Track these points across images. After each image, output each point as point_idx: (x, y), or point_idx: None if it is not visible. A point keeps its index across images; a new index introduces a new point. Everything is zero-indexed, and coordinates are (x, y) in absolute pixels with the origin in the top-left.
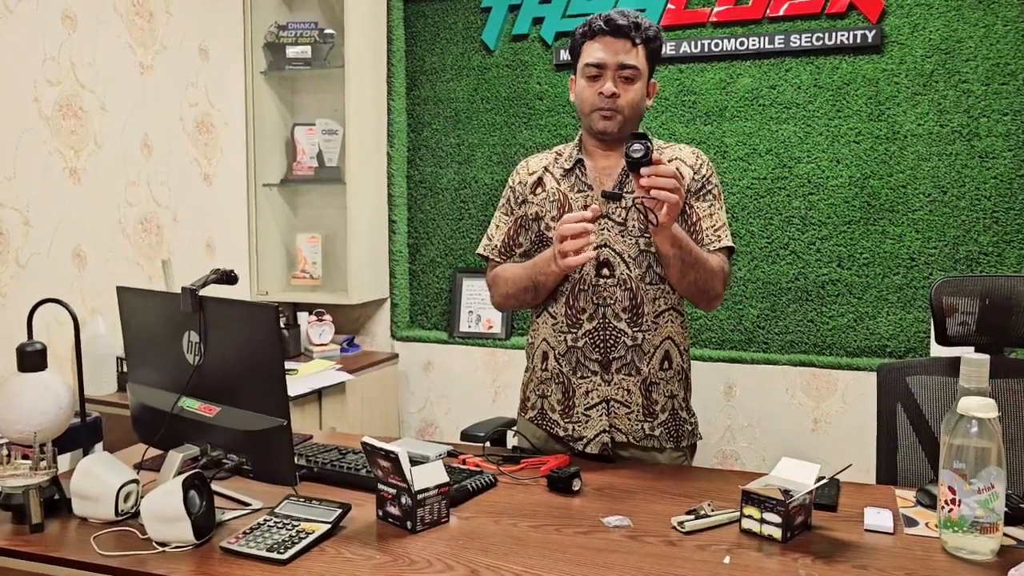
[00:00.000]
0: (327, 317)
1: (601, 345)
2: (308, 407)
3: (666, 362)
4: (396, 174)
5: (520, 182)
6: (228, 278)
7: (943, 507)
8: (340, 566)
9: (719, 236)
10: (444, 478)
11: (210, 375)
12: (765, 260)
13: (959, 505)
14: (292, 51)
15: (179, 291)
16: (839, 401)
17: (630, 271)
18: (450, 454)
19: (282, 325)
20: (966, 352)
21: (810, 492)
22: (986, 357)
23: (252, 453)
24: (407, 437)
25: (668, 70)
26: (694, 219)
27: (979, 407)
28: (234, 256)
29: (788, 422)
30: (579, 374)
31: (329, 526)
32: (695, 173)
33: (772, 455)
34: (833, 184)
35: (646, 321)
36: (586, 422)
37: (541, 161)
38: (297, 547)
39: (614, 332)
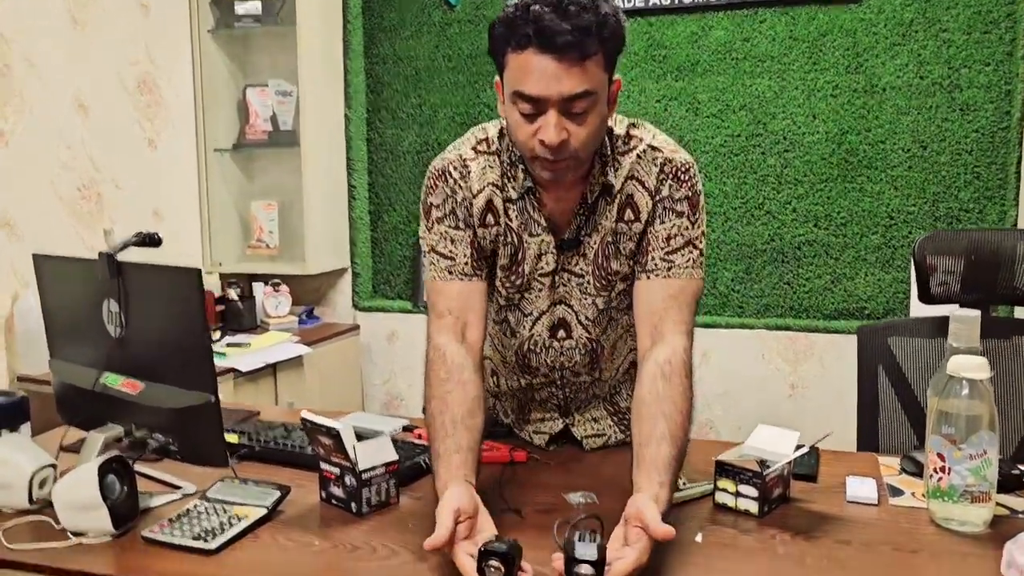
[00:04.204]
0: (283, 288)
1: (559, 395)
2: (262, 382)
3: (632, 368)
4: (355, 137)
5: (465, 199)
6: (151, 240)
7: (931, 475)
8: (275, 555)
9: (671, 262)
10: (392, 455)
11: (133, 348)
12: (739, 221)
13: (949, 473)
14: (241, 7)
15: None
16: (817, 365)
17: (589, 333)
18: (405, 428)
19: (236, 296)
20: (954, 309)
21: (788, 462)
22: (977, 313)
23: (179, 432)
24: (368, 412)
25: (637, 23)
26: (644, 244)
27: (971, 367)
28: (184, 225)
29: (764, 388)
30: (536, 400)
31: (266, 511)
32: (653, 198)
33: (748, 423)
34: (809, 140)
35: (610, 364)
36: (543, 426)
37: (484, 173)
38: (227, 535)
39: (573, 385)
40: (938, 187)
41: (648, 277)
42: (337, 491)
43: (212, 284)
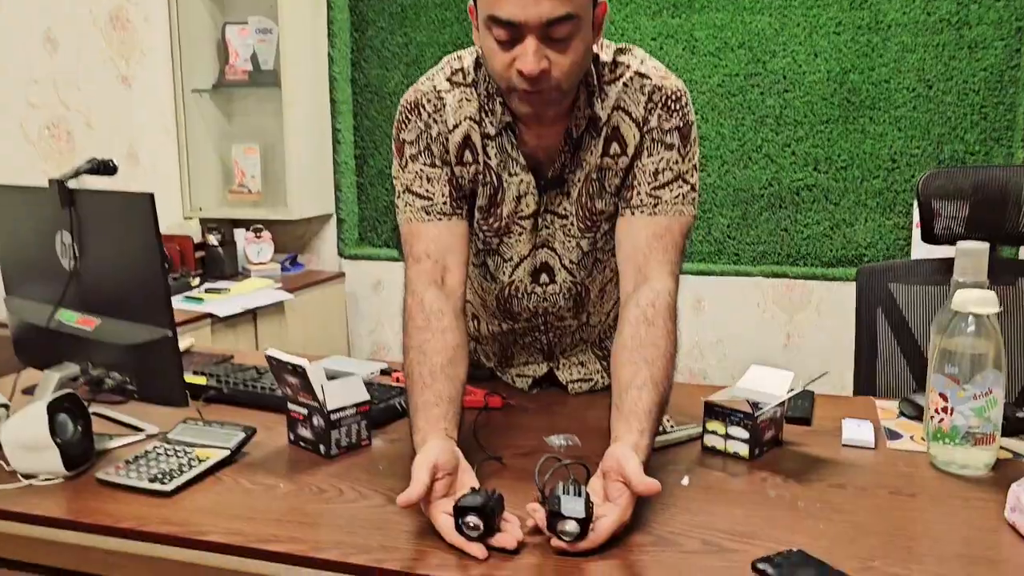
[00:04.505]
0: (265, 234)
1: (543, 339)
2: (242, 329)
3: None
4: (339, 78)
5: (440, 134)
6: (105, 168)
7: (932, 417)
8: (235, 497)
9: (657, 197)
10: (363, 395)
11: (87, 282)
12: (736, 164)
13: (951, 414)
14: None
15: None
16: (813, 314)
17: (574, 277)
18: (384, 372)
19: (216, 242)
20: (962, 242)
21: (781, 404)
22: (985, 245)
23: (136, 370)
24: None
25: None
26: (630, 178)
27: (977, 301)
28: (162, 168)
29: (759, 337)
30: (519, 344)
31: (229, 452)
32: (641, 129)
33: (742, 373)
34: (810, 80)
35: (598, 309)
36: (527, 369)
37: (460, 106)
38: (185, 477)
39: (557, 329)
40: (943, 128)
41: (632, 214)
42: (305, 433)
43: (192, 230)
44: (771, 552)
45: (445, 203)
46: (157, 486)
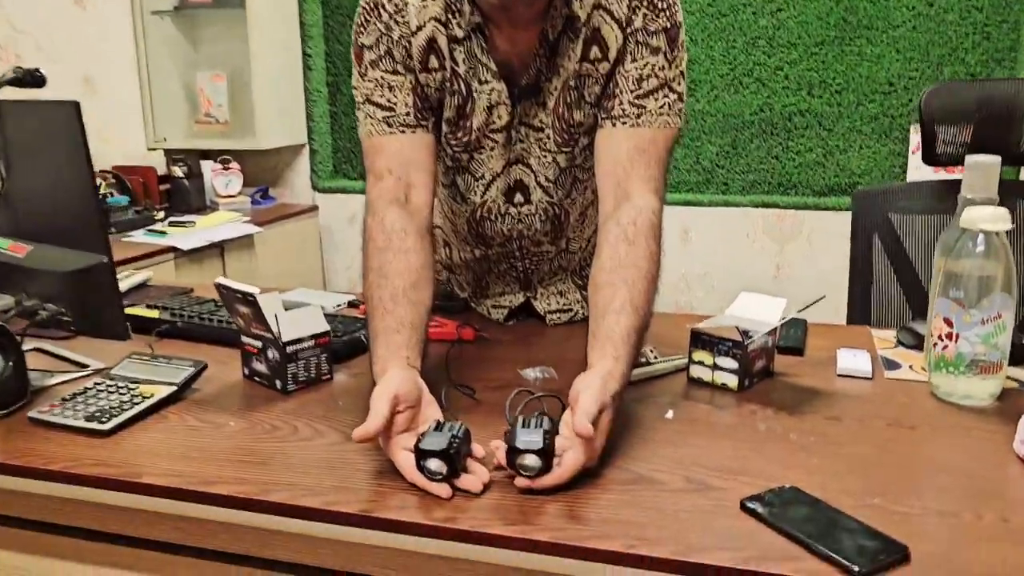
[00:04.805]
0: (234, 165)
1: (519, 266)
2: (208, 263)
3: None
4: None
5: (402, 37)
6: (33, 79)
7: (936, 344)
8: (179, 437)
9: (641, 107)
10: (321, 326)
11: (17, 205)
12: (726, 89)
13: (956, 340)
14: None
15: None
16: (805, 244)
17: (550, 197)
18: (352, 304)
19: (182, 174)
20: (971, 156)
21: (773, 331)
22: (996, 158)
23: (71, 300)
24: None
25: None
26: (612, 86)
27: (989, 218)
28: (122, 96)
29: (748, 269)
30: (494, 272)
31: (175, 388)
32: (624, 31)
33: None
34: None
35: (578, 234)
36: (503, 299)
37: (424, 6)
38: (125, 415)
39: (534, 256)
40: (943, 49)
41: (613, 125)
42: (260, 367)
43: (156, 161)
44: (761, 490)
45: (408, 114)
46: (94, 425)
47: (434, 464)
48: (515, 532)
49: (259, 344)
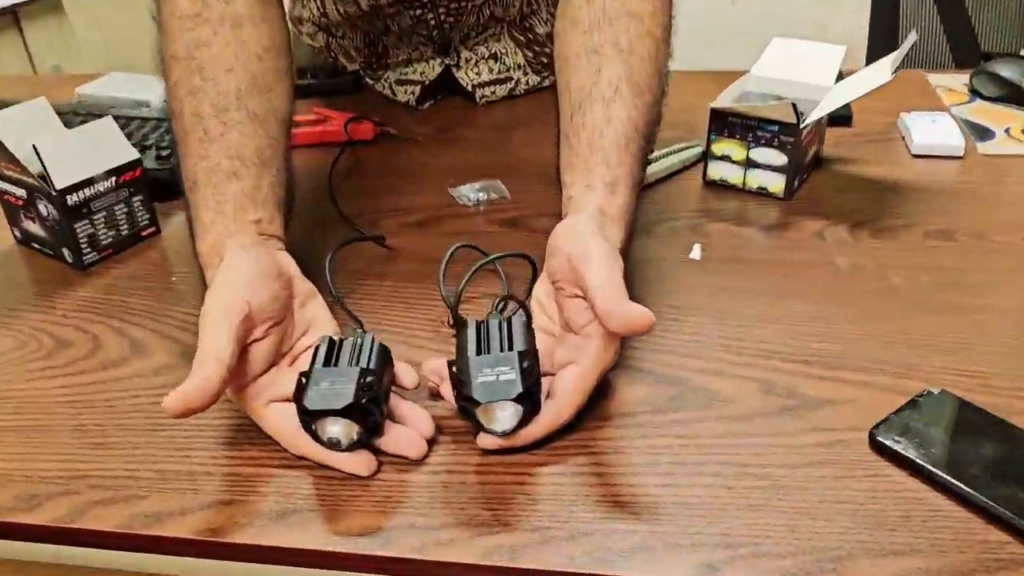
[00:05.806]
0: None
1: (431, 19)
2: (4, 36)
3: None
4: None
5: None
6: None
7: None
8: None
9: None
10: (126, 152)
11: None
12: None
13: None
14: None
15: None
16: None
17: None
18: None
19: None
20: None
21: (846, 105)
22: None
23: None
24: None
25: None
26: None
27: None
28: None
29: None
30: (394, 32)
31: None
32: None
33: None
34: None
35: None
36: (411, 71)
37: None
38: None
39: (452, 1)
40: None
41: None
42: (34, 229)
43: None
44: (888, 399)
45: None
46: None
47: (336, 429)
48: (503, 559)
49: (22, 193)
